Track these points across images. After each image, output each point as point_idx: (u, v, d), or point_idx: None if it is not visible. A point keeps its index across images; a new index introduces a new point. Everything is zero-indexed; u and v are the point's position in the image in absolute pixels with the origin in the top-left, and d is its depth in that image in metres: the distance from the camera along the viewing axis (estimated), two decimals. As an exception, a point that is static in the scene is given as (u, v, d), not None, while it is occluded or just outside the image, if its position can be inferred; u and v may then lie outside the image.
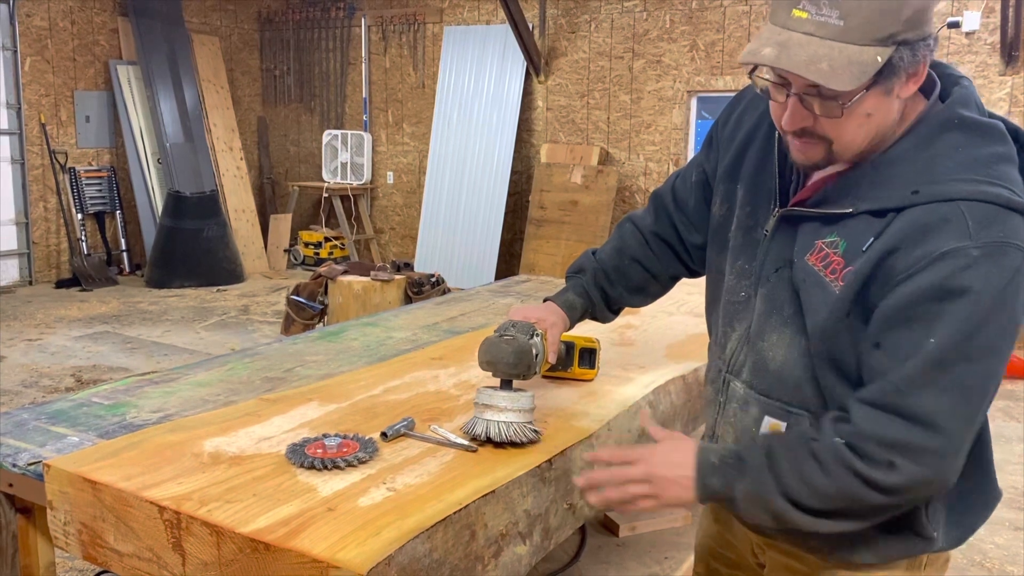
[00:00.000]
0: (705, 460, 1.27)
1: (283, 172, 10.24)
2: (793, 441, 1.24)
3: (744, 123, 1.45)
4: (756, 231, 1.36)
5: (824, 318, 1.22)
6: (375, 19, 9.19)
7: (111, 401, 1.88)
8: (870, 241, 1.18)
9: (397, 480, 1.41)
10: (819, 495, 1.19)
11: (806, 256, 1.25)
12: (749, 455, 1.25)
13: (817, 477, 1.18)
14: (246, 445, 1.55)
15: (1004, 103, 6.35)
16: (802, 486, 1.19)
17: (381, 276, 5.01)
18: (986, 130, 1.20)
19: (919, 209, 1.15)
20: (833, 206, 1.24)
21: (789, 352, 1.29)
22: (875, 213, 1.19)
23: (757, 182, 1.38)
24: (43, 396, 4.90)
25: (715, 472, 1.25)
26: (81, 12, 8.42)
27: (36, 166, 8.22)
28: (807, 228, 1.27)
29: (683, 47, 7.56)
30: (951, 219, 1.12)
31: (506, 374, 1.54)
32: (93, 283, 8.10)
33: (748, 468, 1.23)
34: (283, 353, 2.30)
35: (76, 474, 1.41)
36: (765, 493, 1.21)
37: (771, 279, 1.32)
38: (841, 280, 1.20)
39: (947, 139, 1.19)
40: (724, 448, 1.29)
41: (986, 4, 6.16)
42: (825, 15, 1.12)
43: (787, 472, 1.20)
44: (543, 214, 7.91)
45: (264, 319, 7.01)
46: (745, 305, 1.37)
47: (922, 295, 1.11)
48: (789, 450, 1.22)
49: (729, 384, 1.41)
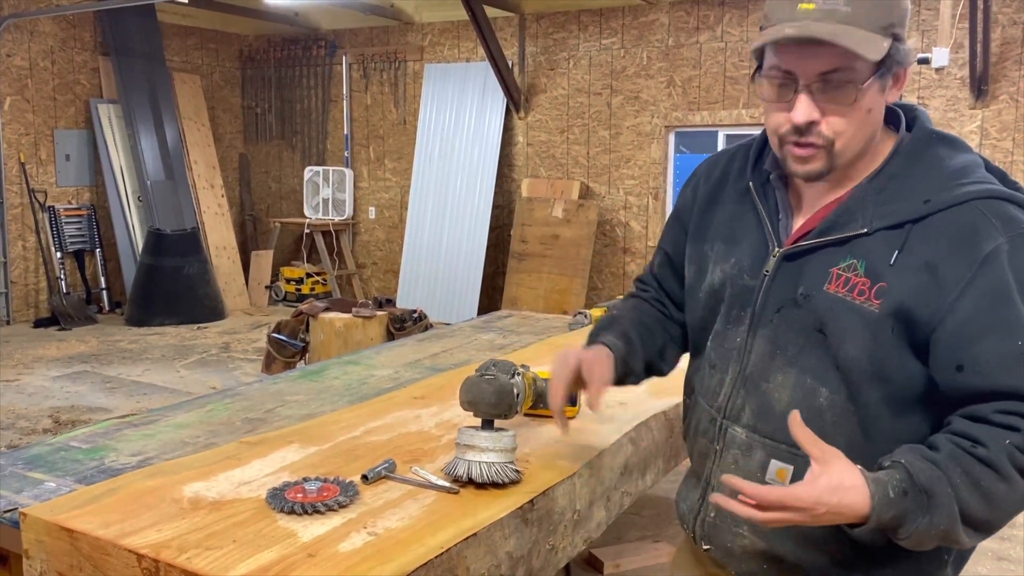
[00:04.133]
0: (884, 497, 1.12)
1: (264, 208, 10.24)
2: (957, 453, 1.14)
3: (700, 190, 1.48)
4: (743, 278, 1.34)
5: (869, 340, 1.20)
6: (356, 57, 9.27)
7: (89, 445, 1.87)
8: (895, 254, 1.19)
9: (378, 524, 1.40)
10: (995, 504, 1.13)
11: (824, 287, 1.24)
12: (934, 484, 1.12)
13: (996, 486, 1.12)
14: (226, 490, 1.54)
15: (975, 136, 6.48)
16: (979, 500, 1.12)
17: (363, 313, 5.00)
18: (957, 142, 1.29)
19: (938, 217, 1.19)
20: (843, 230, 1.24)
21: (795, 393, 1.27)
22: (891, 227, 1.21)
23: (733, 234, 1.38)
24: (20, 438, 4.83)
25: (892, 507, 1.12)
26: (62, 51, 8.44)
27: (15, 205, 8.18)
28: (815, 260, 1.26)
29: (660, 83, 7.67)
30: (976, 220, 1.17)
31: (487, 414, 1.54)
32: (72, 322, 8.03)
33: (936, 500, 1.11)
34: (264, 393, 2.29)
35: (53, 522, 1.39)
36: (951, 522, 1.12)
37: (773, 320, 1.30)
38: (875, 298, 1.19)
39: (933, 152, 1.26)
40: (895, 478, 1.13)
41: (955, 40, 6.30)
42: (832, 3, 1.16)
43: (966, 491, 1.12)
44: (525, 248, 7.95)
45: (245, 356, 6.96)
46: (738, 351, 1.35)
47: (984, 305, 1.14)
48: (958, 464, 1.13)
49: (727, 431, 1.36)
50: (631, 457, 1.94)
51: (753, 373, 1.32)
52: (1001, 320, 1.14)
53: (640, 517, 3.50)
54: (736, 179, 1.41)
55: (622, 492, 1.91)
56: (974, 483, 1.12)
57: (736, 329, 1.36)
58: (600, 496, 1.79)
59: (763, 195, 1.36)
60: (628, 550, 3.19)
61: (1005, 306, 1.14)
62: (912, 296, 1.17)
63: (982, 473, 1.12)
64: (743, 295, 1.34)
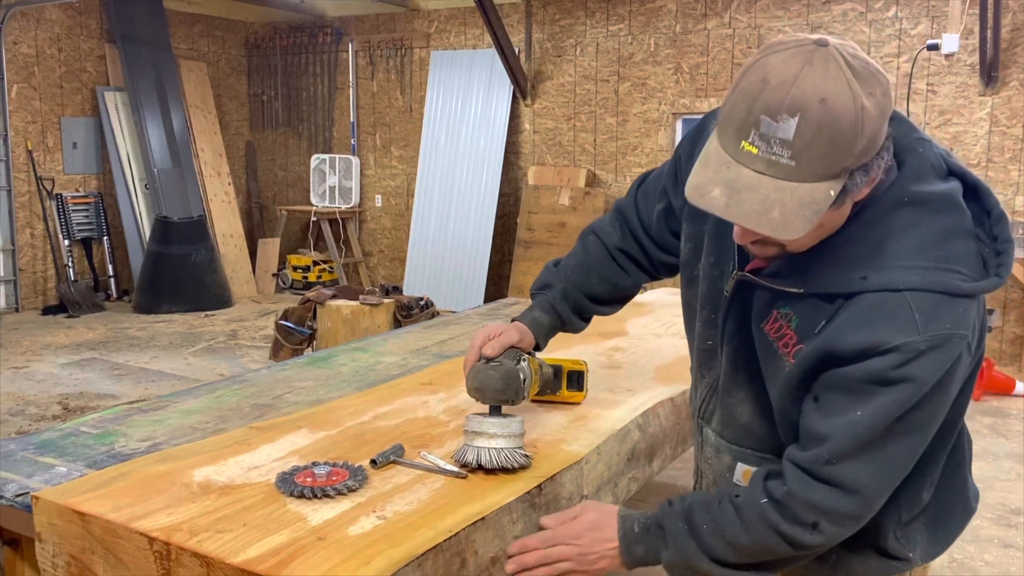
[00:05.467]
0: (629, 530, 1.33)
1: (271, 196, 10.25)
2: (713, 501, 1.28)
3: None
4: (720, 281, 1.37)
5: (779, 387, 1.26)
6: (362, 44, 9.25)
7: (99, 430, 1.88)
8: (822, 324, 1.19)
9: (387, 508, 1.41)
10: (739, 551, 1.25)
11: (762, 324, 1.28)
12: (668, 522, 1.30)
13: (739, 535, 1.24)
14: (236, 474, 1.54)
15: (984, 123, 6.45)
16: (723, 545, 1.25)
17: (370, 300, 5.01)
18: (936, 204, 1.18)
19: (868, 297, 1.15)
20: (785, 282, 1.24)
21: (755, 407, 1.34)
22: (824, 297, 1.20)
23: (720, 232, 1.38)
24: (30, 424, 4.86)
25: (639, 541, 1.32)
26: (68, 39, 8.44)
27: (23, 193, 8.20)
28: (763, 295, 1.28)
29: (668, 70, 7.64)
30: (899, 312, 1.13)
31: (495, 400, 1.54)
32: (80, 309, 8.06)
33: (669, 536, 1.29)
34: (272, 379, 2.30)
35: (64, 506, 1.40)
36: (688, 557, 1.28)
37: (735, 338, 1.35)
38: (791, 357, 1.22)
39: (897, 217, 1.17)
40: (645, 516, 1.34)
41: (965, 26, 6.26)
42: (776, 154, 1.07)
43: (708, 534, 1.26)
44: (531, 236, 7.94)
45: (253, 344, 6.99)
46: (712, 355, 1.42)
47: (866, 377, 1.14)
48: (708, 512, 1.27)
49: (702, 429, 1.49)
50: (638, 443, 1.94)
51: (722, 386, 1.41)
52: (864, 394, 1.15)
53: (647, 503, 3.51)
54: None
55: (629, 478, 1.92)
56: (718, 529, 1.26)
57: (709, 331, 1.41)
58: (607, 482, 1.80)
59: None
60: None
61: (876, 386, 1.14)
62: (820, 369, 1.19)
63: (728, 522, 1.25)
64: (716, 300, 1.38)
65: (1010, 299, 6.46)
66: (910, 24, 6.65)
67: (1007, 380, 5.58)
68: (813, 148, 1.06)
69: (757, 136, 1.08)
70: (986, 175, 6.45)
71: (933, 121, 6.61)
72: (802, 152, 1.06)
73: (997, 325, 6.36)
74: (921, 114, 6.62)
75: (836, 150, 1.06)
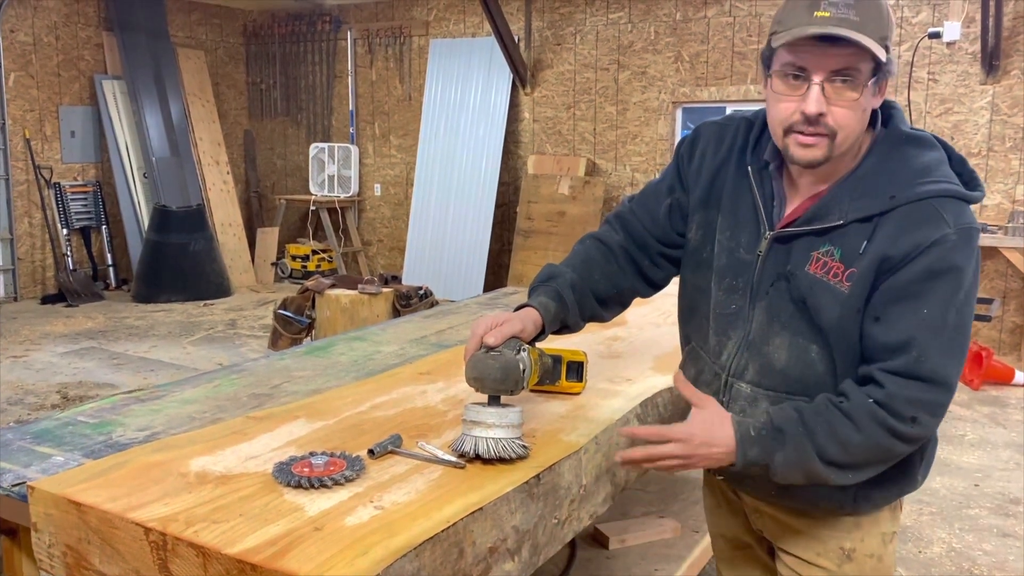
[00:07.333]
0: (745, 433, 1.41)
1: (270, 185, 10.22)
2: (821, 406, 1.40)
3: (708, 156, 1.63)
4: (739, 252, 1.55)
5: (838, 315, 1.41)
6: (361, 32, 9.21)
7: (97, 420, 1.87)
8: (864, 244, 1.39)
9: (384, 498, 1.40)
10: (852, 450, 1.38)
11: (806, 267, 1.45)
12: (786, 425, 1.40)
13: (852, 434, 1.37)
14: (233, 464, 1.54)
15: (986, 111, 6.42)
16: (836, 445, 1.37)
17: (369, 289, 5.00)
18: (924, 140, 1.46)
19: (901, 210, 1.38)
20: (823, 221, 1.44)
21: (790, 351, 1.49)
22: (862, 220, 1.41)
23: (734, 209, 1.57)
24: (28, 413, 4.86)
25: (755, 444, 1.40)
26: (65, 27, 8.40)
27: (21, 181, 8.18)
28: (800, 244, 1.46)
29: (668, 58, 7.61)
30: (931, 215, 1.37)
31: (494, 390, 1.54)
32: (79, 299, 8.06)
33: (787, 437, 1.39)
34: (270, 369, 2.29)
35: (61, 496, 1.40)
36: (803, 458, 1.38)
37: (769, 292, 1.50)
38: (846, 280, 1.40)
39: (902, 152, 1.44)
40: (759, 422, 1.42)
41: (966, 14, 6.23)
42: (843, 13, 1.33)
43: (822, 435, 1.38)
44: (531, 225, 7.93)
45: (251, 333, 6.99)
46: (737, 316, 1.55)
47: (918, 276, 1.35)
48: (819, 415, 1.39)
49: (732, 386, 1.57)
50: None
51: (756, 339, 1.53)
52: (924, 292, 1.35)
53: (646, 493, 3.51)
54: (738, 158, 1.58)
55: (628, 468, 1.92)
56: (831, 430, 1.37)
57: (732, 297, 1.56)
58: (606, 472, 1.79)
59: (760, 181, 1.54)
60: (633, 525, 3.20)
61: (931, 281, 1.35)
62: (877, 279, 1.39)
63: (839, 422, 1.37)
64: (738, 267, 1.54)
65: (1010, 288, 6.45)
66: (911, 12, 6.61)
67: (1006, 369, 5.59)
68: (871, 9, 1.35)
69: (827, 3, 1.34)
70: (987, 164, 6.43)
71: (934, 110, 6.59)
72: (863, 12, 1.34)
73: (997, 314, 6.36)
74: (922, 103, 6.59)
75: (882, 17, 1.36)
